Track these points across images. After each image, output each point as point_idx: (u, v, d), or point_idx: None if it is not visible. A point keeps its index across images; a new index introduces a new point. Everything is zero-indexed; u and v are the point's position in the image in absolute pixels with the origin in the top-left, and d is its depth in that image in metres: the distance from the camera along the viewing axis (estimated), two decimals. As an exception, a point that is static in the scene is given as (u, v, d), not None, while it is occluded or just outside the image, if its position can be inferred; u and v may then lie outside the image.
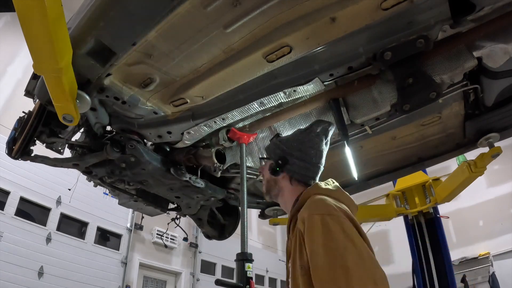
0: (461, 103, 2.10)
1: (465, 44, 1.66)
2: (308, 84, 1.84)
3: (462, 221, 8.22)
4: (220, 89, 1.88)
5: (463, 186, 2.92)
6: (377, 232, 8.70)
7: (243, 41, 1.61)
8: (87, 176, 2.41)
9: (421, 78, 1.69)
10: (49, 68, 1.36)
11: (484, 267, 7.51)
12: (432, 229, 3.66)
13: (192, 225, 7.94)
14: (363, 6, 1.46)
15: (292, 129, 2.17)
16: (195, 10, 1.43)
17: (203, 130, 2.09)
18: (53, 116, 1.97)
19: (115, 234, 6.86)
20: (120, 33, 1.50)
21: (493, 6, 1.50)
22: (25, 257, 5.22)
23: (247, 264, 1.68)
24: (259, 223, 10.15)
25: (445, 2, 1.46)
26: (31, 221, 5.54)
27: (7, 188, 5.34)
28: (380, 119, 2.09)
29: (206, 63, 1.72)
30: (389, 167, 2.66)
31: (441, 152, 2.47)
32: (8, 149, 2.14)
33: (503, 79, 1.85)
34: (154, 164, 2.17)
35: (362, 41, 1.64)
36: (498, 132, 2.23)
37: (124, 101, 1.86)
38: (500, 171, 7.84)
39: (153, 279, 7.48)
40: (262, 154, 2.31)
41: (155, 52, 1.62)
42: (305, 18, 1.51)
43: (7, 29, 6.22)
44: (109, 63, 1.61)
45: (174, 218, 3.09)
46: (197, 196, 2.57)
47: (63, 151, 2.29)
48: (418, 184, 3.80)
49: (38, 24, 1.19)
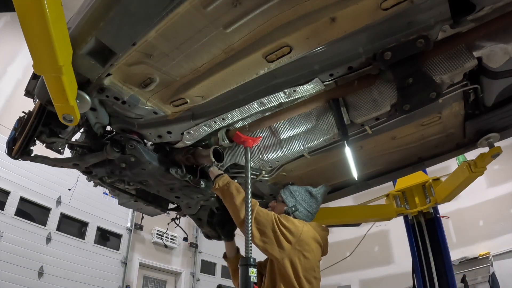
0: (461, 103, 2.10)
1: (465, 44, 1.66)
2: (308, 84, 1.84)
3: (462, 221, 8.21)
4: (220, 89, 1.87)
5: (463, 186, 2.92)
6: (377, 232, 8.69)
7: (243, 41, 1.61)
8: (87, 176, 2.40)
9: (421, 78, 1.69)
10: (49, 68, 1.36)
11: (484, 267, 7.50)
12: (432, 229, 3.65)
13: (192, 225, 7.94)
14: (363, 6, 1.46)
15: (292, 129, 2.17)
16: (195, 10, 1.43)
17: (203, 130, 2.09)
18: (53, 116, 1.97)
19: (115, 234, 6.87)
20: (120, 33, 1.50)
21: (493, 6, 1.50)
22: (25, 257, 5.22)
23: (250, 269, 1.68)
24: (259, 223, 10.13)
25: (445, 2, 1.46)
26: (31, 221, 5.54)
27: (7, 188, 5.35)
28: (380, 119, 2.09)
29: (206, 63, 1.72)
30: (389, 167, 2.66)
31: (441, 152, 2.47)
32: (8, 149, 2.13)
33: (503, 79, 1.85)
34: (154, 164, 2.17)
35: (362, 41, 1.64)
36: (498, 132, 2.23)
37: (124, 101, 1.86)
38: (500, 171, 7.83)
39: (153, 279, 7.48)
40: (262, 154, 2.31)
41: (155, 52, 1.62)
42: (305, 18, 1.51)
43: (7, 29, 6.23)
44: (109, 63, 1.61)
45: (174, 218, 3.09)
46: (197, 196, 2.57)
47: (63, 151, 2.29)
48: (418, 184, 3.80)
49: (38, 24, 1.19)
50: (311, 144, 2.18)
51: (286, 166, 2.56)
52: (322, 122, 2.09)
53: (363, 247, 4.84)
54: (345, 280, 9.81)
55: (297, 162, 2.51)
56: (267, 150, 2.30)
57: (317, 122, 2.12)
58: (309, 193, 2.30)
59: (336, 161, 2.53)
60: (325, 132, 2.09)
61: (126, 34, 1.49)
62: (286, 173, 2.68)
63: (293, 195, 2.27)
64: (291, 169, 2.63)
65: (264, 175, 2.55)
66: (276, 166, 2.52)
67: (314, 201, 2.28)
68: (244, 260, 1.73)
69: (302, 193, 2.28)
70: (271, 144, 2.28)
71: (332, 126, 2.04)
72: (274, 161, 2.38)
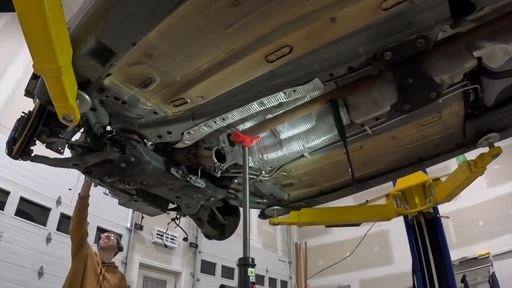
0: (461, 103, 2.10)
1: (465, 44, 1.66)
2: (308, 84, 1.84)
3: (462, 221, 8.22)
4: (220, 89, 1.87)
5: (463, 186, 2.91)
6: (377, 232, 8.69)
7: (243, 41, 1.60)
8: (87, 176, 2.40)
9: (421, 78, 1.69)
10: (49, 68, 1.35)
11: (484, 267, 7.50)
12: (432, 229, 3.65)
13: (192, 225, 7.93)
14: (363, 6, 1.46)
15: (292, 129, 2.17)
16: (195, 10, 1.43)
17: (203, 130, 2.09)
18: (53, 116, 1.97)
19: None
20: (120, 33, 1.50)
21: (493, 6, 1.50)
22: (25, 257, 5.22)
23: (249, 269, 1.67)
24: (259, 223, 10.14)
25: (445, 2, 1.46)
26: (31, 221, 5.53)
27: (7, 188, 5.34)
28: (380, 119, 2.09)
29: (206, 63, 1.71)
30: (389, 167, 2.65)
31: (441, 152, 2.47)
32: (8, 149, 2.13)
33: (503, 79, 1.85)
34: (154, 164, 2.17)
35: (362, 41, 1.64)
36: (498, 132, 2.22)
37: (124, 101, 1.86)
38: (500, 171, 7.83)
39: (153, 279, 7.47)
40: (262, 154, 2.31)
41: (155, 52, 1.62)
42: (305, 18, 1.51)
43: (7, 29, 6.22)
44: (109, 63, 1.61)
45: (174, 218, 3.09)
46: (197, 196, 2.57)
47: (63, 151, 2.29)
48: (418, 184, 3.79)
49: (38, 24, 1.19)
50: (311, 144, 2.18)
51: (286, 166, 2.57)
52: (322, 122, 2.09)
53: (363, 247, 4.84)
54: (345, 280, 9.81)
55: (297, 162, 2.52)
56: (267, 150, 2.30)
57: (317, 122, 2.12)
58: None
59: (336, 161, 2.53)
60: (325, 132, 2.10)
61: (126, 34, 1.49)
62: (286, 173, 2.68)
63: None
64: (291, 169, 2.63)
65: (264, 175, 2.55)
66: (276, 166, 2.53)
67: None
68: (243, 260, 1.72)
69: None
70: (271, 144, 2.29)
71: (332, 126, 2.05)
72: (274, 161, 2.38)
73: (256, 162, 2.40)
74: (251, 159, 2.39)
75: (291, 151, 2.23)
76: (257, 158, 2.35)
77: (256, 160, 2.38)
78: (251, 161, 2.40)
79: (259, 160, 2.36)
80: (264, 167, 2.48)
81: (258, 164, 2.41)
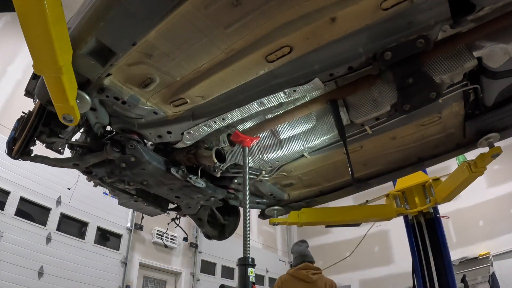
0: (461, 103, 2.10)
1: (465, 44, 1.66)
2: (308, 84, 1.84)
3: (462, 221, 8.22)
4: (220, 89, 1.87)
5: (463, 186, 2.91)
6: (377, 232, 8.69)
7: (243, 41, 1.60)
8: (87, 176, 2.40)
9: (421, 78, 1.69)
10: (49, 68, 1.36)
11: (484, 267, 7.51)
12: (432, 229, 3.65)
13: (192, 225, 7.94)
14: (363, 6, 1.46)
15: (292, 129, 2.18)
16: (195, 10, 1.43)
17: (203, 130, 2.09)
18: (53, 116, 1.97)
19: (115, 234, 6.87)
20: (120, 33, 1.50)
21: (493, 6, 1.50)
22: (25, 257, 5.22)
23: (249, 269, 1.67)
24: (259, 223, 10.15)
25: (445, 2, 1.46)
26: (31, 221, 5.54)
27: (7, 188, 5.34)
28: (380, 119, 2.09)
29: (206, 63, 1.71)
30: (389, 167, 2.65)
31: (441, 152, 2.47)
32: (8, 149, 2.13)
33: (503, 79, 1.85)
34: (154, 164, 2.17)
35: (362, 41, 1.64)
36: (498, 132, 2.22)
37: (124, 101, 1.86)
38: (500, 171, 7.84)
39: (153, 279, 7.48)
40: (262, 154, 2.31)
41: (155, 52, 1.62)
42: (305, 18, 1.51)
43: (7, 29, 6.22)
44: (109, 63, 1.61)
45: (174, 218, 3.09)
46: (197, 196, 2.57)
47: (63, 151, 2.29)
48: (418, 184, 3.79)
49: (38, 24, 1.19)
50: (311, 144, 2.18)
51: (286, 166, 2.57)
52: (322, 122, 2.09)
53: (363, 247, 4.83)
54: (345, 280, 9.81)
55: (297, 162, 2.52)
56: (267, 150, 2.30)
57: (317, 122, 2.12)
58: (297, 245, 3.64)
59: (336, 161, 2.53)
60: (325, 132, 2.10)
61: (126, 34, 1.49)
62: (286, 173, 2.68)
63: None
64: (291, 169, 2.63)
65: (264, 175, 2.55)
66: (276, 166, 2.52)
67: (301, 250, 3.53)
68: (243, 260, 1.72)
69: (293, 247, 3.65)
70: (271, 144, 2.29)
71: (332, 126, 2.05)
72: (274, 161, 2.38)
73: (256, 162, 2.40)
74: (251, 159, 2.39)
75: (291, 151, 2.23)
76: (257, 158, 2.35)
77: (256, 160, 2.38)
78: (251, 161, 2.40)
79: (259, 160, 2.36)
80: (264, 167, 2.48)
81: (258, 164, 2.41)
